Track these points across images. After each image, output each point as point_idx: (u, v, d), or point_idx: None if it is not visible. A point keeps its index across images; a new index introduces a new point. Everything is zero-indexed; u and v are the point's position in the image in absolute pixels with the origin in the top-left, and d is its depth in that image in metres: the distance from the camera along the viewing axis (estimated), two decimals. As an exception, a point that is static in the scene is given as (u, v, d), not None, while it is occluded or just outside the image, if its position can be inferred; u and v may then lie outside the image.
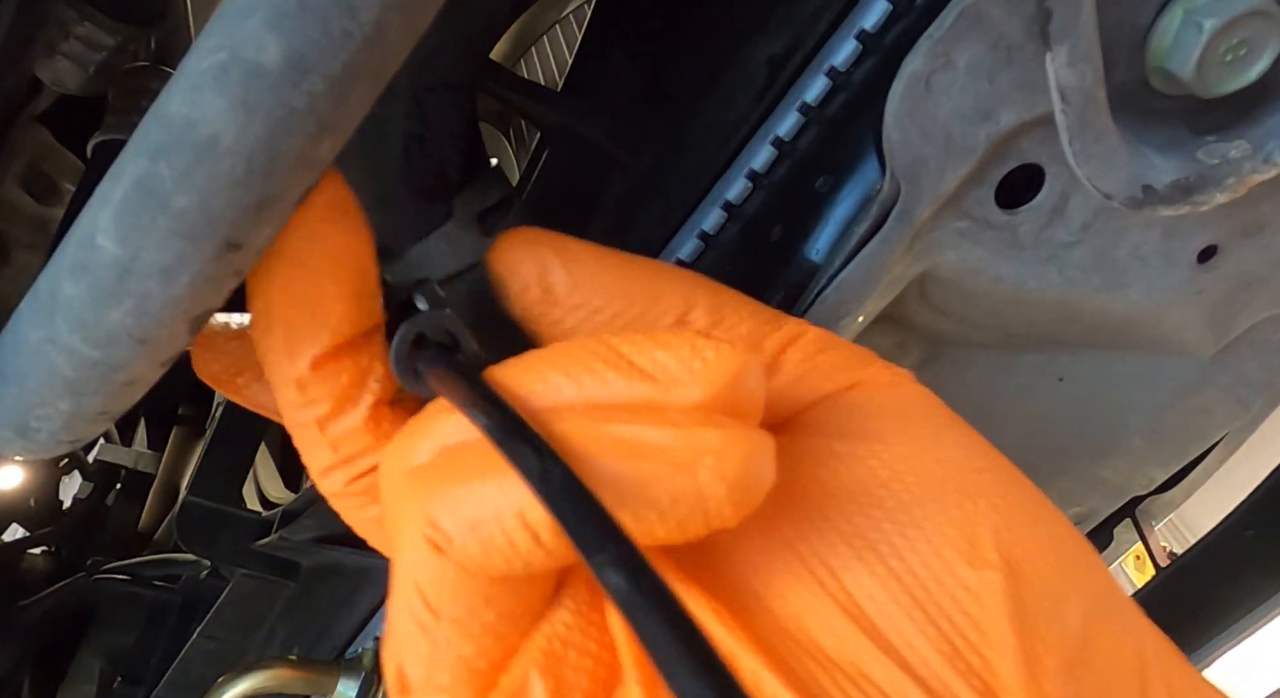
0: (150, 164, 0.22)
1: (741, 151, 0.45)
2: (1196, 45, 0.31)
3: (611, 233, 0.51)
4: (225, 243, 0.23)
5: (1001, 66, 0.33)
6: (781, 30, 0.43)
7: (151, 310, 0.24)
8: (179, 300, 0.24)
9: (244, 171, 0.22)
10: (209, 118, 0.22)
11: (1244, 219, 0.39)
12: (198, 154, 0.22)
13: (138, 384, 0.26)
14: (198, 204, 0.22)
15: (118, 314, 0.24)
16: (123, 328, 0.24)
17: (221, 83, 0.22)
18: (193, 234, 0.23)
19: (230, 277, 0.25)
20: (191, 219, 0.23)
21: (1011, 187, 0.36)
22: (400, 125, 0.37)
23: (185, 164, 0.22)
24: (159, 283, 0.23)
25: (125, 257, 0.23)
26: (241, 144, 0.22)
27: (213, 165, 0.22)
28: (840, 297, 0.37)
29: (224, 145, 0.22)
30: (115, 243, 0.23)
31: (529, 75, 0.68)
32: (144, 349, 0.25)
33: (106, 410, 0.27)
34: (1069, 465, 0.48)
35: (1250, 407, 0.46)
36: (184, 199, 0.22)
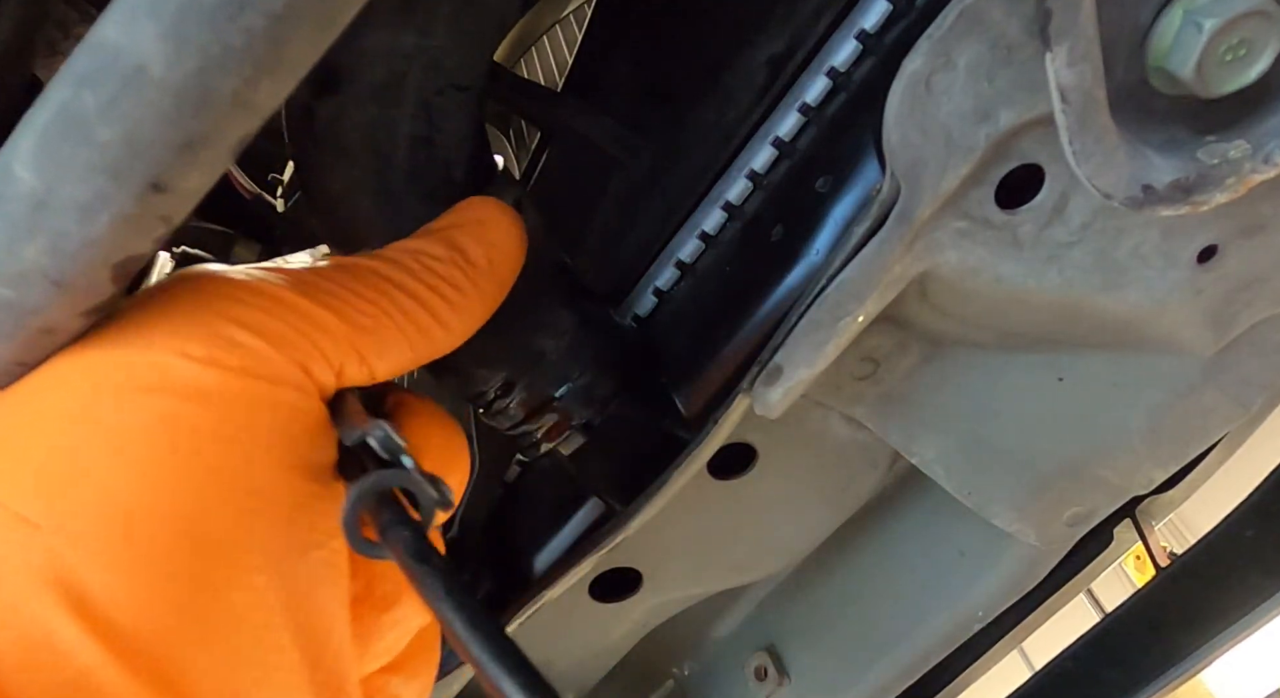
0: (74, 92, 0.21)
1: (742, 152, 0.45)
2: (1196, 45, 0.31)
3: (612, 233, 0.51)
4: (150, 182, 0.22)
5: (1001, 66, 0.33)
6: (782, 30, 0.43)
7: (68, 249, 0.22)
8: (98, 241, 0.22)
9: (172, 106, 0.21)
10: (139, 46, 0.20)
11: (1244, 219, 0.39)
12: (124, 84, 0.21)
13: (55, 333, 0.25)
14: (121, 137, 0.21)
15: (31, 251, 0.22)
16: (37, 266, 0.22)
17: (156, 11, 0.20)
18: (115, 169, 0.21)
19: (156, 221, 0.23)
20: (114, 153, 0.21)
21: (1011, 187, 0.36)
22: (408, 127, 0.37)
23: (110, 94, 0.21)
24: (76, 220, 0.22)
25: (41, 188, 0.22)
26: (171, 77, 0.21)
27: (140, 96, 0.21)
28: (840, 296, 0.37)
29: (152, 76, 0.20)
30: (32, 173, 0.21)
31: (529, 75, 0.68)
32: (60, 293, 0.23)
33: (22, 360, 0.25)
34: (1069, 465, 0.48)
35: (1250, 407, 0.46)
36: (107, 131, 0.21)
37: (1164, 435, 0.47)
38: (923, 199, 0.35)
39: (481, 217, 0.35)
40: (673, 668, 0.73)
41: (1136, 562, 2.22)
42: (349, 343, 0.29)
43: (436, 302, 0.32)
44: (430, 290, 0.32)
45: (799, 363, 0.38)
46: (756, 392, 0.39)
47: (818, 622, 0.66)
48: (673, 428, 0.45)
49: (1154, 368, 0.46)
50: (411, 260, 0.32)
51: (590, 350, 0.44)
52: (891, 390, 0.47)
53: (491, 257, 0.34)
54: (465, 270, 0.33)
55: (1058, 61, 0.30)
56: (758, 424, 0.43)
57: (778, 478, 0.52)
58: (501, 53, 0.71)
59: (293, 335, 0.28)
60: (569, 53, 0.65)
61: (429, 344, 0.32)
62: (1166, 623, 0.65)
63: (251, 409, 0.27)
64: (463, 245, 0.34)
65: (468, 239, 0.34)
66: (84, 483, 0.25)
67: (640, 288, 0.49)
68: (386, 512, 0.26)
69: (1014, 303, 0.40)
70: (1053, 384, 0.46)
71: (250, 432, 0.27)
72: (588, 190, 0.52)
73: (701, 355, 0.44)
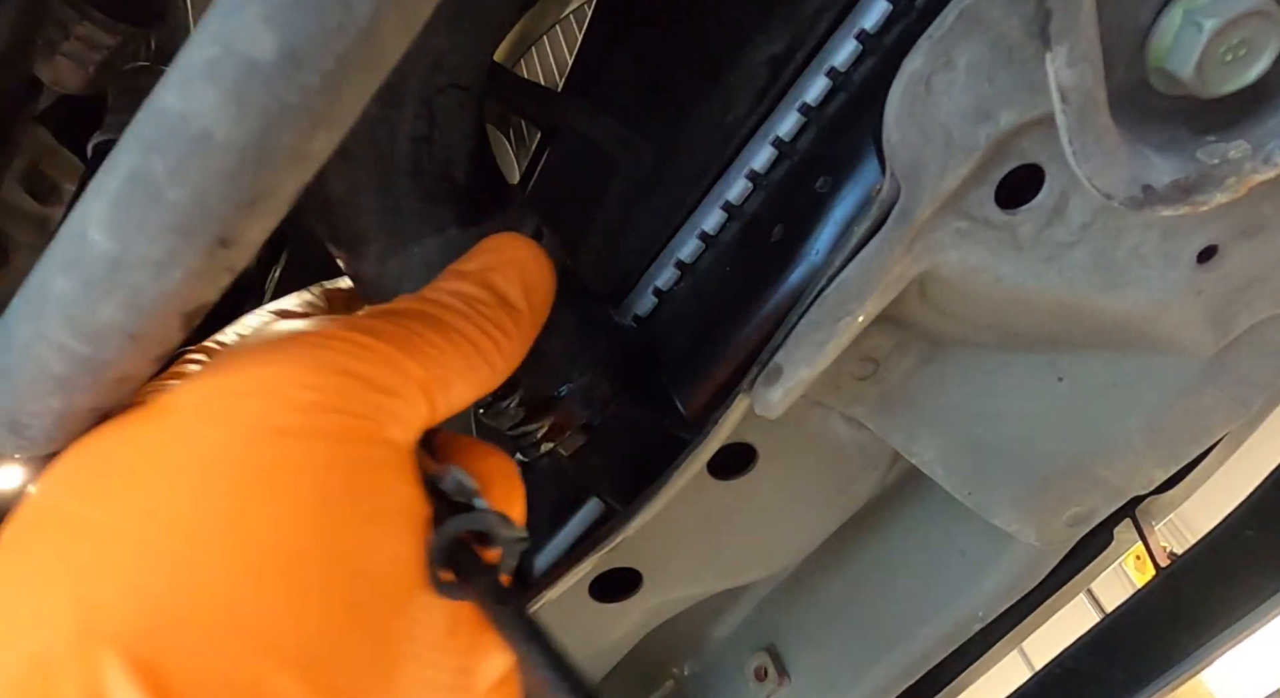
0: (143, 158, 0.22)
1: (742, 152, 0.45)
2: (1196, 45, 0.31)
3: (612, 233, 0.51)
4: (218, 238, 0.23)
5: (1001, 66, 0.33)
6: (782, 30, 0.43)
7: (143, 305, 0.24)
8: (171, 295, 0.24)
9: (236, 166, 0.22)
10: (202, 112, 0.21)
11: (1244, 219, 0.39)
12: (190, 148, 0.22)
13: (129, 380, 0.26)
14: (190, 198, 0.22)
15: (108, 309, 0.23)
16: (113, 323, 0.24)
17: (215, 76, 0.21)
18: (185, 228, 0.23)
19: (222, 272, 0.24)
20: (184, 213, 0.22)
21: (1011, 187, 0.36)
22: (409, 127, 0.37)
23: (178, 158, 0.22)
24: (150, 277, 0.23)
25: (117, 250, 0.23)
26: (234, 138, 0.22)
27: (205, 159, 0.22)
28: (840, 297, 0.37)
29: (217, 139, 0.22)
30: (107, 237, 0.23)
31: (529, 75, 0.68)
32: (135, 345, 0.24)
33: (98, 407, 0.26)
34: (1069, 465, 0.48)
35: (1250, 407, 0.46)
36: (176, 193, 0.22)
37: (1164, 435, 0.47)
38: (923, 199, 0.35)
39: (517, 258, 0.36)
40: (673, 668, 0.73)
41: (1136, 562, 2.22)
42: (425, 388, 0.30)
43: (488, 344, 0.33)
44: (482, 334, 0.33)
45: (799, 363, 0.38)
46: (756, 392, 0.39)
47: (818, 622, 0.66)
48: (673, 428, 0.45)
49: (1154, 368, 0.45)
50: (464, 305, 0.33)
51: (590, 351, 0.44)
52: (891, 390, 0.47)
53: (531, 301, 0.35)
54: (511, 315, 0.34)
55: (1058, 61, 0.30)
56: (758, 424, 0.43)
57: (778, 478, 0.52)
58: (502, 53, 0.71)
59: (388, 382, 0.29)
60: (569, 53, 0.65)
61: (481, 385, 0.33)
62: (1166, 623, 0.65)
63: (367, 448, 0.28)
64: (504, 290, 0.35)
65: (508, 283, 0.35)
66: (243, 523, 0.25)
67: (640, 288, 0.49)
68: (465, 555, 0.27)
69: (1014, 303, 0.40)
70: (1053, 384, 0.46)
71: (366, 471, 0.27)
72: (588, 190, 0.52)
73: (701, 355, 0.44)
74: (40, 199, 0.71)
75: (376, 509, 0.27)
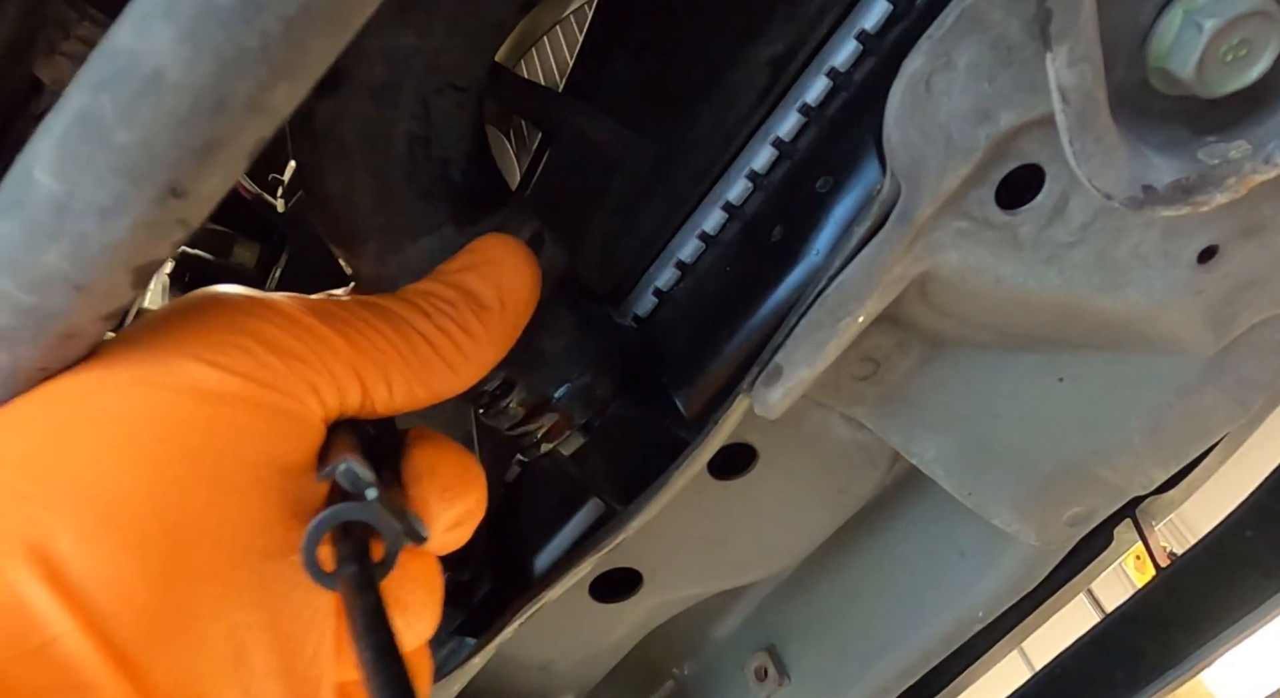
0: (92, 97, 0.21)
1: (742, 152, 0.45)
2: (1197, 45, 0.31)
3: (612, 233, 0.51)
4: (168, 186, 0.22)
5: (1001, 67, 0.33)
6: (782, 31, 0.43)
7: (89, 253, 0.22)
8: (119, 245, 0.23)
9: (189, 110, 0.21)
10: (156, 50, 0.21)
11: (1244, 219, 0.39)
12: (142, 88, 0.21)
13: (77, 338, 0.25)
14: (140, 141, 0.21)
15: (53, 255, 0.22)
16: (58, 271, 0.23)
17: (172, 14, 0.20)
18: (133, 173, 0.22)
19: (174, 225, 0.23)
20: (133, 156, 0.21)
21: (1012, 187, 0.36)
22: (406, 126, 0.37)
23: (128, 98, 0.21)
24: (97, 223, 0.22)
25: (62, 193, 0.22)
26: (188, 80, 0.21)
27: (157, 101, 0.21)
28: (840, 297, 0.37)
29: (170, 80, 0.21)
30: (52, 178, 0.22)
31: (529, 75, 0.68)
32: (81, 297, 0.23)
33: (45, 366, 0.25)
34: (1069, 465, 0.48)
35: (1250, 407, 0.46)
36: (126, 135, 0.21)
37: (1164, 435, 0.47)
38: (923, 199, 0.35)
39: (494, 257, 0.36)
40: (673, 668, 0.73)
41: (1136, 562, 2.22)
42: (354, 369, 0.30)
43: (444, 342, 0.33)
44: (439, 331, 0.33)
45: (799, 363, 0.38)
46: (756, 392, 0.39)
47: (818, 622, 0.66)
48: (673, 428, 0.45)
49: (1154, 368, 0.46)
50: (423, 301, 0.33)
51: (590, 350, 0.44)
52: (891, 391, 0.47)
53: (504, 299, 0.35)
54: (477, 314, 0.34)
55: (1058, 62, 0.30)
56: (758, 424, 0.43)
57: (778, 478, 0.52)
58: (502, 53, 0.71)
59: (302, 351, 0.29)
60: (569, 53, 0.65)
61: (435, 383, 0.33)
62: (1166, 623, 0.65)
63: (253, 413, 0.28)
64: (475, 289, 0.35)
65: (480, 282, 0.35)
66: (78, 462, 0.25)
67: (640, 288, 0.49)
68: (345, 544, 0.27)
69: (1014, 303, 0.40)
70: (1053, 384, 0.46)
71: (248, 435, 0.28)
72: (588, 190, 0.52)
73: (702, 355, 0.44)
74: (40, 199, 0.71)
75: (234, 475, 0.27)
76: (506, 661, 0.59)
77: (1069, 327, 0.43)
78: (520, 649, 0.60)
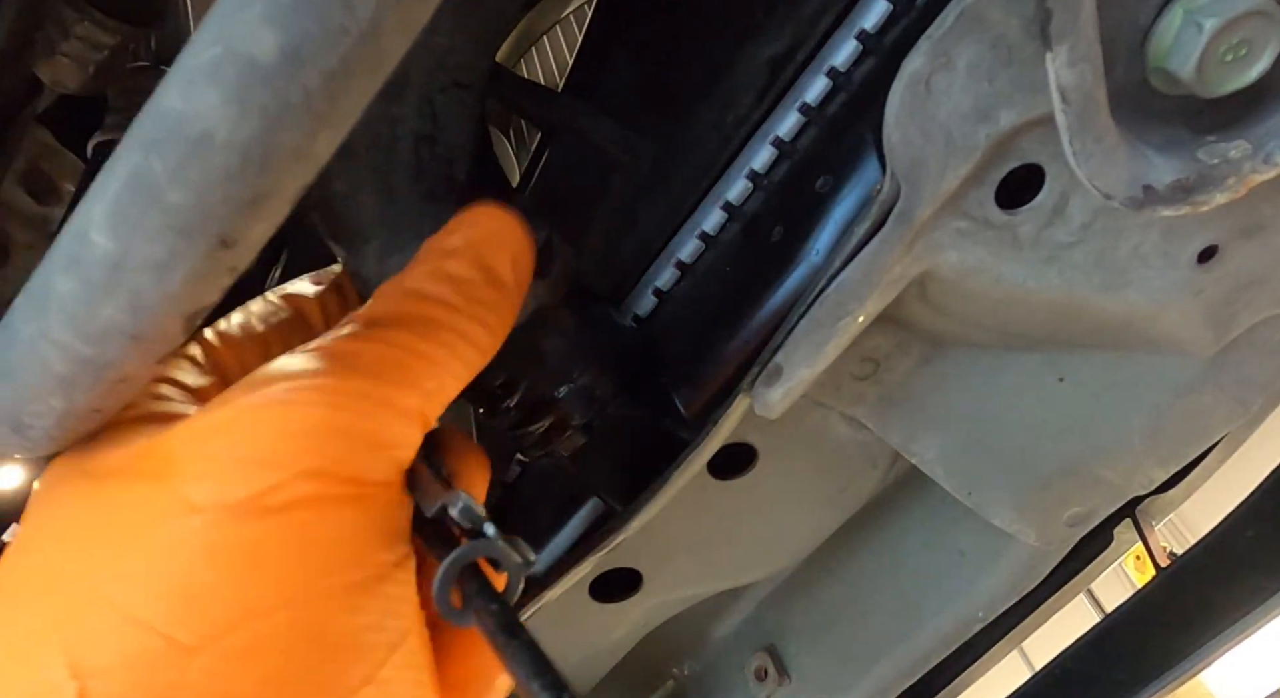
0: (144, 159, 0.22)
1: (742, 152, 0.45)
2: (1196, 45, 0.31)
3: (612, 233, 0.51)
4: (219, 239, 0.23)
5: (1001, 66, 0.33)
6: (782, 31, 0.43)
7: (145, 306, 0.24)
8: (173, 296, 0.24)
9: (238, 167, 0.22)
10: (203, 113, 0.21)
11: (1244, 219, 0.39)
12: (191, 149, 0.22)
13: (131, 381, 0.26)
14: (191, 199, 0.22)
15: (110, 310, 0.23)
16: (115, 324, 0.24)
17: (217, 77, 0.21)
18: (186, 229, 0.23)
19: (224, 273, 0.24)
20: (185, 214, 0.22)
21: (1012, 187, 0.36)
22: (412, 125, 0.37)
23: (179, 159, 0.22)
24: (152, 278, 0.23)
25: (118, 251, 0.23)
26: (236, 139, 0.22)
27: (207, 160, 0.22)
28: (840, 297, 0.37)
29: (218, 140, 0.22)
30: (108, 238, 0.23)
31: (529, 75, 0.68)
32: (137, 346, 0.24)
33: (99, 407, 0.26)
34: (1069, 465, 0.48)
35: (1250, 407, 0.46)
36: (177, 194, 0.22)
37: (1164, 435, 0.47)
38: (923, 199, 0.35)
39: (498, 228, 0.34)
40: (673, 668, 0.73)
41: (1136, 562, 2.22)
42: (423, 415, 0.30)
43: (479, 331, 0.32)
44: (473, 321, 0.32)
45: (799, 363, 0.38)
46: (756, 392, 0.39)
47: (818, 622, 0.66)
48: (673, 428, 0.45)
49: (1154, 368, 0.45)
50: (456, 296, 0.32)
51: (590, 351, 0.44)
52: (891, 390, 0.47)
53: (518, 275, 0.34)
54: (500, 292, 0.33)
55: (1058, 61, 0.30)
56: (758, 424, 0.43)
57: (778, 478, 0.52)
58: (502, 53, 0.71)
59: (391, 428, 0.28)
60: (569, 53, 0.65)
61: (471, 373, 0.32)
62: (1166, 623, 0.65)
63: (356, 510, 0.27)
64: (491, 264, 0.33)
65: (495, 256, 0.33)
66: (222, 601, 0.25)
67: (640, 288, 0.49)
68: (472, 582, 0.27)
69: (1014, 303, 0.40)
70: (1053, 384, 0.46)
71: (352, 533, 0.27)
72: (588, 190, 0.52)
73: (702, 355, 0.44)
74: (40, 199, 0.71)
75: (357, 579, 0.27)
76: (506, 661, 0.59)
77: (1069, 327, 0.43)
78: (520, 649, 0.60)
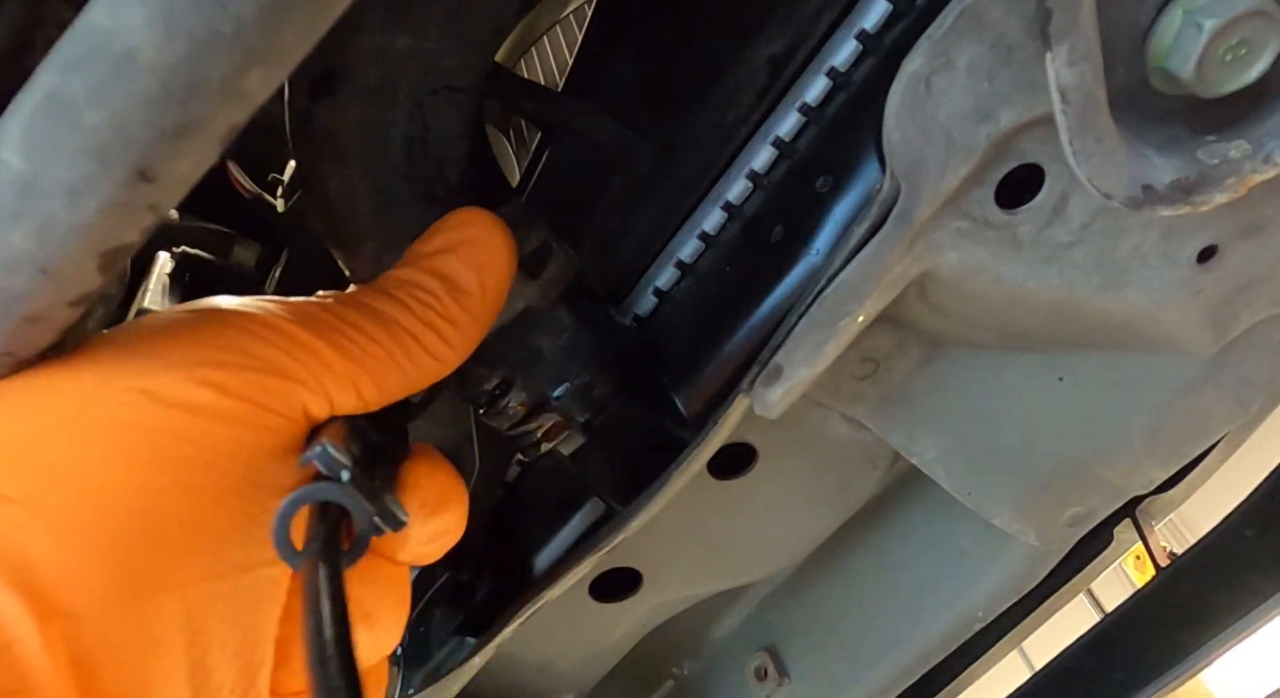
0: (63, 77, 0.21)
1: (742, 152, 0.45)
2: (1196, 45, 0.31)
3: (612, 233, 0.51)
4: (137, 169, 0.22)
5: (1001, 66, 0.33)
6: (782, 30, 0.43)
7: (55, 235, 0.22)
8: (86, 227, 0.22)
9: (161, 92, 0.21)
10: (128, 30, 0.20)
11: (1244, 219, 0.39)
12: (113, 68, 0.21)
13: (42, 323, 0.25)
14: (109, 121, 0.21)
15: (18, 236, 0.22)
16: (23, 252, 0.22)
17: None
18: (102, 154, 0.21)
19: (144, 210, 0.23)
20: (102, 138, 0.21)
21: (1012, 186, 0.36)
22: (402, 128, 0.37)
23: (99, 78, 0.21)
24: (64, 205, 0.22)
25: (29, 172, 0.22)
26: (160, 62, 0.20)
27: (128, 82, 0.21)
28: (840, 297, 0.37)
29: (141, 61, 0.20)
30: (19, 157, 0.21)
31: (529, 75, 0.68)
32: (47, 280, 0.23)
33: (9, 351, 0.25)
34: (1069, 465, 0.48)
35: (1250, 407, 0.46)
36: (95, 115, 0.21)
37: (1164, 435, 0.47)
38: (923, 199, 0.35)
39: (472, 236, 0.36)
40: (673, 668, 0.73)
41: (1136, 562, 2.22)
42: (347, 377, 0.31)
43: (430, 336, 0.33)
44: (424, 326, 0.33)
45: (799, 363, 0.38)
46: (756, 392, 0.39)
47: (818, 622, 0.66)
48: (673, 428, 0.45)
49: (1154, 368, 0.45)
50: (407, 296, 0.33)
51: (589, 350, 0.44)
52: (891, 391, 0.47)
53: (484, 282, 0.35)
54: (458, 300, 0.34)
55: (1058, 61, 0.30)
56: (758, 424, 0.43)
57: (778, 478, 0.52)
58: (501, 53, 0.71)
59: (296, 369, 0.30)
60: (569, 53, 0.65)
61: (422, 374, 0.34)
62: (1166, 623, 0.65)
63: (244, 430, 0.29)
64: (454, 275, 0.35)
65: (460, 266, 0.35)
66: (68, 467, 0.26)
67: (640, 288, 0.49)
68: (320, 525, 0.27)
69: (1014, 303, 0.40)
70: (1053, 384, 0.46)
71: (238, 452, 0.28)
72: (588, 190, 0.52)
73: (702, 355, 0.44)
74: (40, 199, 0.71)
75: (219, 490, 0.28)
76: (506, 660, 0.59)
77: (1069, 327, 0.43)
78: (520, 649, 0.60)
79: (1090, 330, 0.43)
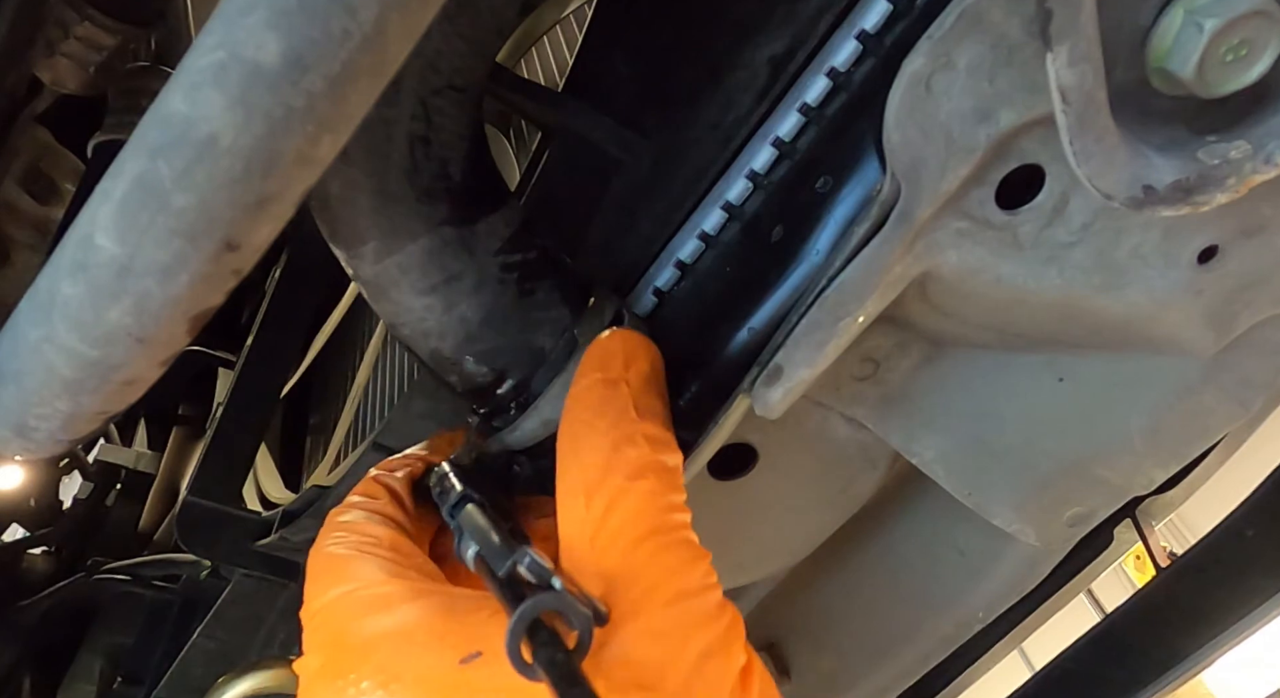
0: (150, 163, 0.22)
1: (742, 152, 0.45)
2: (1197, 45, 0.31)
3: (612, 233, 0.51)
4: (224, 242, 0.23)
5: (1001, 67, 0.33)
6: (782, 31, 0.43)
7: (150, 309, 0.24)
8: (178, 299, 0.24)
9: (243, 170, 0.22)
10: (208, 116, 0.22)
11: (1244, 219, 0.39)
12: (197, 153, 0.22)
13: (136, 384, 0.26)
14: (197, 203, 0.22)
15: (116, 313, 0.24)
16: (121, 327, 0.24)
17: (221, 81, 0.22)
18: (191, 233, 0.23)
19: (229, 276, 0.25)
20: (190, 218, 0.23)
21: (1012, 187, 0.36)
22: (406, 127, 0.37)
23: (184, 163, 0.22)
24: (158, 282, 0.23)
25: (124, 255, 0.23)
26: (240, 143, 0.22)
27: (212, 164, 0.22)
28: (840, 297, 0.37)
29: (223, 144, 0.22)
30: (114, 242, 0.23)
31: (529, 75, 0.68)
32: (142, 349, 0.25)
33: (105, 410, 0.26)
34: (1069, 465, 0.48)
35: (1250, 407, 0.46)
36: (183, 198, 0.22)
37: (1164, 435, 0.47)
38: (923, 199, 0.35)
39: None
40: (673, 668, 0.73)
41: (1136, 562, 2.22)
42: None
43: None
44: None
45: (799, 363, 0.38)
46: (757, 392, 0.39)
47: (819, 621, 0.66)
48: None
49: (1154, 368, 0.45)
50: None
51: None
52: (892, 391, 0.47)
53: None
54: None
55: (1058, 62, 0.30)
56: (758, 424, 0.43)
57: (778, 478, 0.52)
58: (502, 53, 0.71)
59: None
60: (569, 53, 0.65)
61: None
62: (1166, 623, 0.65)
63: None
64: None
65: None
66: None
67: (640, 288, 0.49)
68: (540, 634, 0.27)
69: (1014, 303, 0.40)
70: (1053, 384, 0.46)
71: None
72: (588, 190, 0.52)
73: (701, 356, 0.44)
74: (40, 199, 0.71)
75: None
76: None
77: (1069, 327, 0.42)
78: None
79: (1090, 331, 0.43)
